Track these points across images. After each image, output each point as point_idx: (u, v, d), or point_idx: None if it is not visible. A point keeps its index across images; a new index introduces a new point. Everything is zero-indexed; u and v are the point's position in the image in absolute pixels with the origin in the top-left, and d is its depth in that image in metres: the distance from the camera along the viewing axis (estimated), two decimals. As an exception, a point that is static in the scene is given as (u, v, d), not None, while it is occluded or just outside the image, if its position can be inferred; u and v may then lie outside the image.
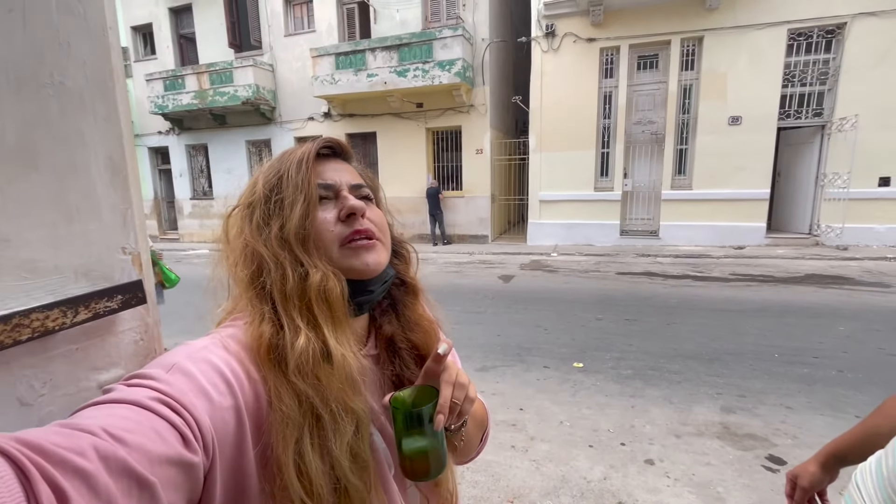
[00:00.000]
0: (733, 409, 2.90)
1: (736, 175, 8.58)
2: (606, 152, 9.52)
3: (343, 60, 10.14)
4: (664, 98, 8.92)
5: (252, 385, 0.46)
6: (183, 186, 13.42)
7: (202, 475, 0.40)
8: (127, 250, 0.53)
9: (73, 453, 0.31)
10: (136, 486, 0.33)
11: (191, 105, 11.73)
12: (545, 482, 2.25)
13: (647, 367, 3.56)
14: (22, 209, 0.43)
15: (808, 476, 0.84)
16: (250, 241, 0.53)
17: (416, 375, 0.58)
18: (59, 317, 0.44)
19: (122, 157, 0.53)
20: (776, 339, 4.01)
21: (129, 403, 0.38)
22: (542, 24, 9.28)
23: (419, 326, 0.63)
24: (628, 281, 6.62)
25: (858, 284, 5.89)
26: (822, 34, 8.03)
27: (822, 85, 8.24)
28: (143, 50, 13.49)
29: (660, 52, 8.88)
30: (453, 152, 10.80)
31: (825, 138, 8.32)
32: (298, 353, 0.47)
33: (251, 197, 0.56)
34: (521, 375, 3.52)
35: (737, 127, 8.49)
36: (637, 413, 2.89)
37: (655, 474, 2.28)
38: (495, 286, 6.66)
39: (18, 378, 0.44)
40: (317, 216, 0.54)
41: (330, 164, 0.59)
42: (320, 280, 0.51)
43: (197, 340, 0.48)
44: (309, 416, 0.46)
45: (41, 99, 0.45)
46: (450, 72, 9.36)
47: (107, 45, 0.51)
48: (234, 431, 0.43)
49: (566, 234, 9.76)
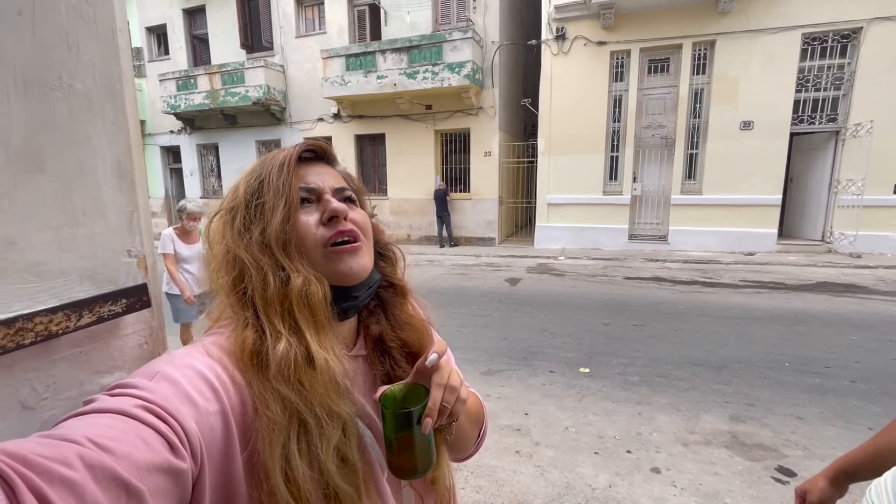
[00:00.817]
0: (742, 418, 2.85)
1: (747, 180, 8.48)
2: (616, 156, 9.46)
3: (353, 62, 10.20)
4: (675, 102, 8.85)
5: (237, 390, 0.46)
6: (193, 185, 13.56)
7: (191, 482, 0.40)
8: (132, 253, 0.53)
9: (59, 463, 0.31)
10: (125, 495, 0.33)
11: (202, 105, 11.87)
12: (549, 489, 2.23)
13: (654, 373, 3.52)
14: (28, 212, 0.43)
15: (818, 492, 0.82)
16: (231, 246, 0.53)
17: (407, 373, 0.58)
18: (62, 321, 0.44)
19: (130, 160, 0.52)
20: (786, 348, 3.94)
21: (113, 412, 0.37)
22: (553, 26, 9.26)
23: (409, 325, 0.62)
24: (636, 286, 6.56)
25: (872, 293, 5.78)
26: (837, 38, 7.92)
27: (836, 90, 8.13)
28: (156, 50, 13.68)
29: (671, 55, 8.81)
30: (461, 154, 10.80)
31: (839, 144, 8.20)
32: (279, 358, 0.47)
33: (233, 202, 0.56)
34: (526, 380, 3.50)
35: (748, 132, 8.39)
36: (644, 420, 2.86)
37: (662, 483, 2.25)
38: (502, 289, 6.63)
39: (21, 381, 0.44)
40: (298, 219, 0.53)
41: (313, 167, 0.58)
42: (301, 284, 0.50)
43: (180, 349, 0.48)
44: (294, 421, 0.46)
45: (49, 102, 0.45)
46: (459, 74, 9.36)
47: (116, 48, 0.51)
48: (222, 437, 0.43)
49: (574, 237, 9.71)
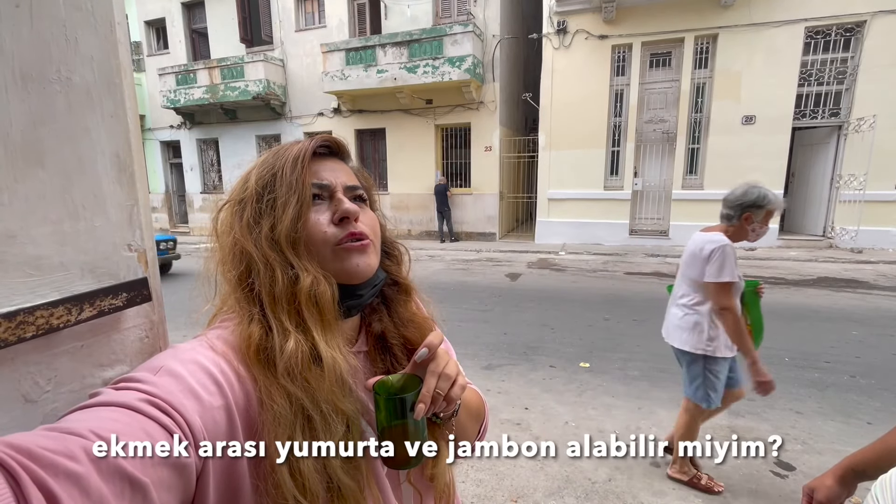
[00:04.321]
0: (741, 412, 2.86)
1: (748, 175, 8.33)
2: (617, 151, 9.43)
3: (353, 56, 10.15)
4: (676, 97, 8.81)
5: (242, 384, 0.46)
6: (194, 180, 13.54)
7: (195, 475, 0.40)
8: (133, 247, 0.53)
9: (63, 456, 0.31)
10: (129, 488, 0.33)
11: (202, 100, 11.83)
12: (549, 482, 2.24)
13: (654, 368, 3.53)
14: (28, 206, 0.43)
15: (825, 490, 0.82)
16: (239, 239, 0.53)
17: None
18: (63, 314, 0.44)
19: (129, 154, 0.52)
20: (787, 343, 3.95)
21: (117, 406, 0.38)
22: (554, 20, 9.20)
23: (412, 323, 0.62)
24: (637, 281, 6.57)
25: (873, 288, 5.78)
26: (840, 32, 7.87)
27: (839, 84, 8.09)
28: (156, 44, 13.60)
29: (673, 49, 8.76)
30: (462, 149, 10.77)
31: (841, 139, 8.16)
32: (288, 356, 0.47)
33: (242, 193, 0.55)
34: (526, 374, 3.51)
35: (750, 126, 8.36)
36: (643, 415, 2.87)
37: (661, 477, 2.26)
38: (502, 284, 6.64)
39: (23, 375, 0.44)
40: (309, 218, 0.53)
41: (326, 163, 0.58)
42: (311, 284, 0.50)
43: (184, 343, 0.48)
44: (300, 416, 0.46)
45: (48, 95, 0.45)
46: (460, 68, 9.32)
47: (114, 41, 0.51)
48: (226, 431, 0.43)
49: (574, 232, 9.70)
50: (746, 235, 1.98)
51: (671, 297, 2.22)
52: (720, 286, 1.92)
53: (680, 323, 2.10)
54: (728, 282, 1.91)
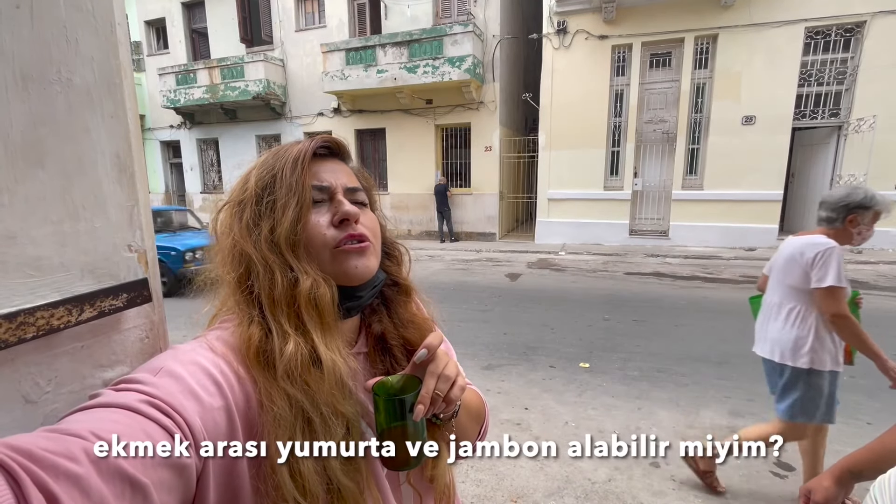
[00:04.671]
0: (742, 413, 2.86)
1: (748, 175, 8.46)
2: (617, 151, 9.43)
3: (353, 56, 10.15)
4: (676, 97, 8.81)
5: (242, 386, 0.46)
6: (193, 180, 13.54)
7: (195, 476, 0.40)
8: (133, 248, 0.53)
9: (64, 458, 0.31)
10: (129, 489, 0.33)
11: (202, 99, 11.83)
12: (549, 482, 2.24)
13: (654, 368, 3.53)
14: (28, 206, 0.43)
15: (823, 491, 0.82)
16: (239, 240, 0.52)
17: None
18: (64, 315, 0.44)
19: (129, 155, 0.52)
20: (787, 343, 3.95)
21: (117, 407, 0.38)
22: (554, 20, 9.20)
23: (412, 324, 0.62)
24: (637, 281, 6.57)
25: (873, 289, 5.78)
26: (840, 33, 7.87)
27: (839, 85, 8.08)
28: (156, 44, 13.61)
29: (673, 50, 8.76)
30: (462, 149, 10.77)
31: (841, 139, 8.16)
32: (287, 358, 0.47)
33: (242, 194, 0.55)
34: (526, 375, 3.51)
35: (750, 127, 8.36)
36: (643, 415, 2.87)
37: (661, 477, 2.26)
38: (502, 284, 6.64)
39: (24, 375, 0.44)
40: (309, 220, 0.53)
41: (327, 164, 0.57)
42: (310, 287, 0.50)
43: (184, 344, 0.48)
44: (300, 418, 0.46)
45: (48, 96, 0.45)
46: (460, 68, 9.32)
47: (114, 41, 0.51)
48: (226, 432, 0.43)
49: (574, 232, 9.70)
50: (850, 239, 1.80)
51: (764, 308, 2.02)
52: (829, 291, 1.73)
53: (780, 336, 1.90)
54: (838, 287, 1.72)
